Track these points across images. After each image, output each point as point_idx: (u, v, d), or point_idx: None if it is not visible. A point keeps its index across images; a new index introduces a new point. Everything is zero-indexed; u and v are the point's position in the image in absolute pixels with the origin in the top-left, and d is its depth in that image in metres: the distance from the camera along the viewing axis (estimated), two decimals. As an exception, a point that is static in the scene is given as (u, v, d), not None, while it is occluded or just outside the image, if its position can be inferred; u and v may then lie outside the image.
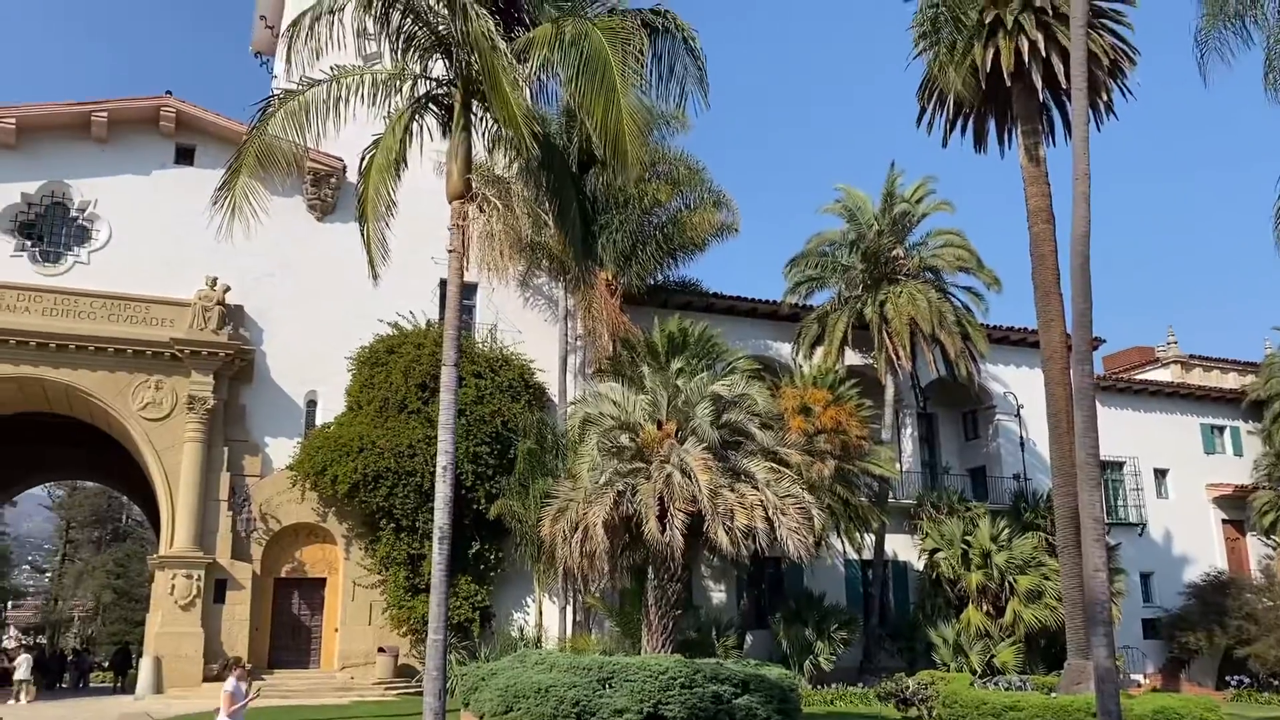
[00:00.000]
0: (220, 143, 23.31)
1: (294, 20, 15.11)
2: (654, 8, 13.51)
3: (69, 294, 21.95)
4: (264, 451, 22.85)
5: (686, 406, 16.52)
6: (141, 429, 21.80)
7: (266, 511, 22.25)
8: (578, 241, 15.23)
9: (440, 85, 14.34)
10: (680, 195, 24.60)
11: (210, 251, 22.01)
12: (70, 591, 52.24)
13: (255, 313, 23.46)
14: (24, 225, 22.82)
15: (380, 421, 22.35)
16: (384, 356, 23.15)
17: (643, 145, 15.08)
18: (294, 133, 14.72)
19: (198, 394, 21.83)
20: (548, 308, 25.98)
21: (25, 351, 21.19)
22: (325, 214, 24.75)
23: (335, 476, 21.70)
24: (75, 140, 23.35)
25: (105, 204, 23.29)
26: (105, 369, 21.75)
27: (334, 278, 23.57)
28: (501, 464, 22.50)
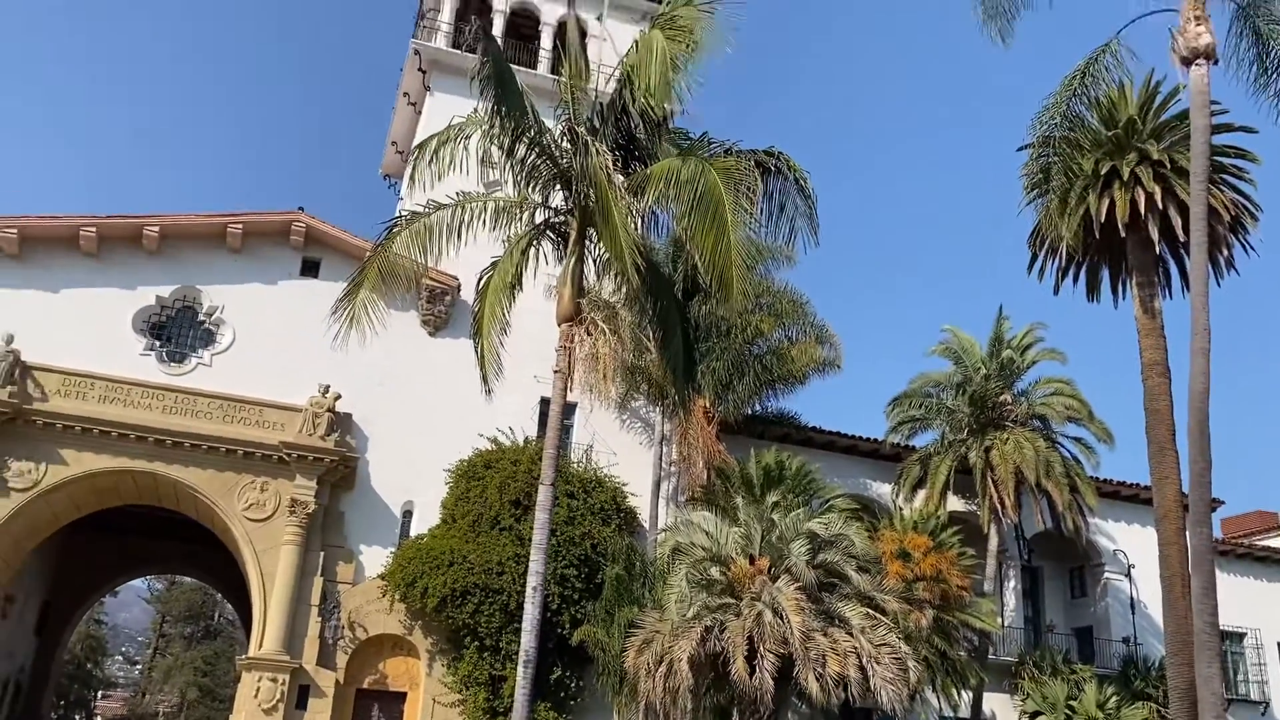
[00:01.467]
0: (344, 257, 24.41)
1: (420, 143, 15.99)
2: (768, 149, 13.90)
3: (189, 393, 22.88)
4: (358, 559, 23.11)
5: (781, 543, 16.24)
6: (243, 529, 22.32)
7: (355, 620, 22.36)
8: (679, 368, 15.39)
9: (558, 214, 14.90)
10: (783, 328, 24.72)
11: (325, 359, 22.80)
12: (158, 686, 52.92)
13: (362, 421, 24.08)
14: (155, 326, 24.07)
15: (473, 536, 22.46)
16: (481, 471, 23.42)
17: (748, 279, 15.29)
18: (416, 252, 15.44)
19: (300, 498, 22.33)
20: (644, 431, 26.06)
21: (143, 446, 22.06)
22: (437, 329, 25.50)
23: (425, 589, 21.75)
24: (211, 248, 24.74)
25: (231, 309, 24.46)
26: (215, 468, 22.46)
27: (440, 391, 24.14)
28: (588, 588, 22.27)
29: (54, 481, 21.55)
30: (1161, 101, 21.75)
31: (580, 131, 13.87)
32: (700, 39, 14.13)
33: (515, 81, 14.68)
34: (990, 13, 17.41)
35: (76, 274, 23.60)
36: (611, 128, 14.46)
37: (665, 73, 14.02)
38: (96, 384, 22.25)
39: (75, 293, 23.45)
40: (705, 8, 14.31)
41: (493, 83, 13.98)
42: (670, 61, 14.17)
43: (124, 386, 22.42)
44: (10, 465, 21.29)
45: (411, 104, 30.80)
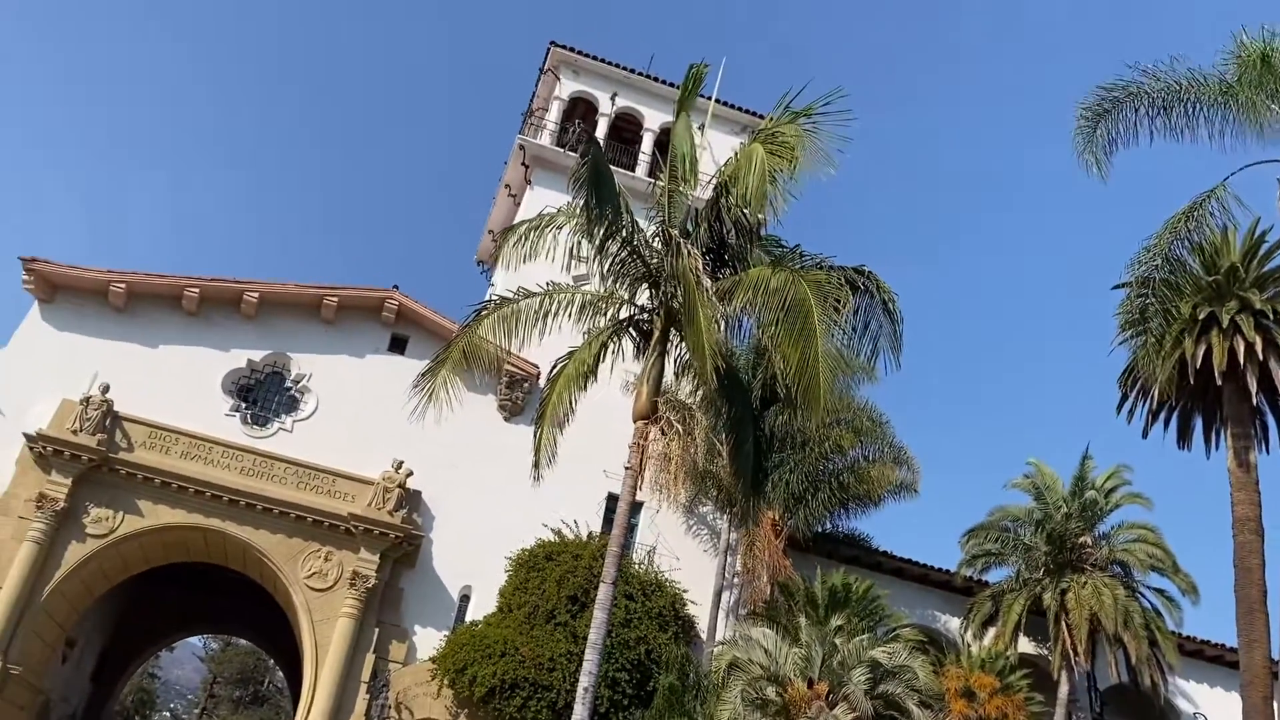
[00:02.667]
0: (432, 337, 24.93)
1: (511, 225, 16.43)
2: (858, 267, 13.96)
3: (267, 457, 23.35)
4: (411, 639, 22.98)
5: (841, 668, 15.72)
6: (303, 597, 22.42)
7: (402, 701, 22.12)
8: (749, 477, 15.24)
9: (643, 312, 15.05)
10: (861, 446, 24.37)
11: (401, 435, 23.18)
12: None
13: (431, 499, 24.23)
14: (243, 388, 24.74)
15: (527, 628, 22.20)
16: (541, 562, 23.26)
17: (832, 392, 15.19)
18: (500, 336, 15.73)
19: (362, 570, 22.41)
20: (709, 538, 25.71)
21: (217, 504, 22.47)
22: (513, 415, 25.74)
23: (474, 677, 21.45)
24: (305, 318, 25.51)
25: (318, 378, 25.05)
26: (283, 533, 22.72)
27: (509, 477, 24.17)
28: (639, 695, 21.73)
29: (129, 531, 22.02)
30: (1267, 250, 21.28)
31: (674, 233, 14.12)
32: (800, 156, 14.38)
33: (613, 182, 15.06)
34: (1088, 146, 17.36)
35: (175, 331, 24.50)
36: (704, 232, 14.70)
37: (762, 184, 14.25)
38: (181, 439, 22.85)
39: (172, 349, 24.30)
40: (809, 127, 14.59)
41: (590, 183, 14.36)
42: (768, 174, 14.41)
43: (206, 444, 22.99)
44: (90, 511, 21.83)
45: (512, 195, 31.73)
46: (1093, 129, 17.27)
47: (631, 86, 32.44)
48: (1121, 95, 17.41)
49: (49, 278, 23.73)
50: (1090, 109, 17.42)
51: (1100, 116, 17.30)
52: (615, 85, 32.30)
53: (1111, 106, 17.41)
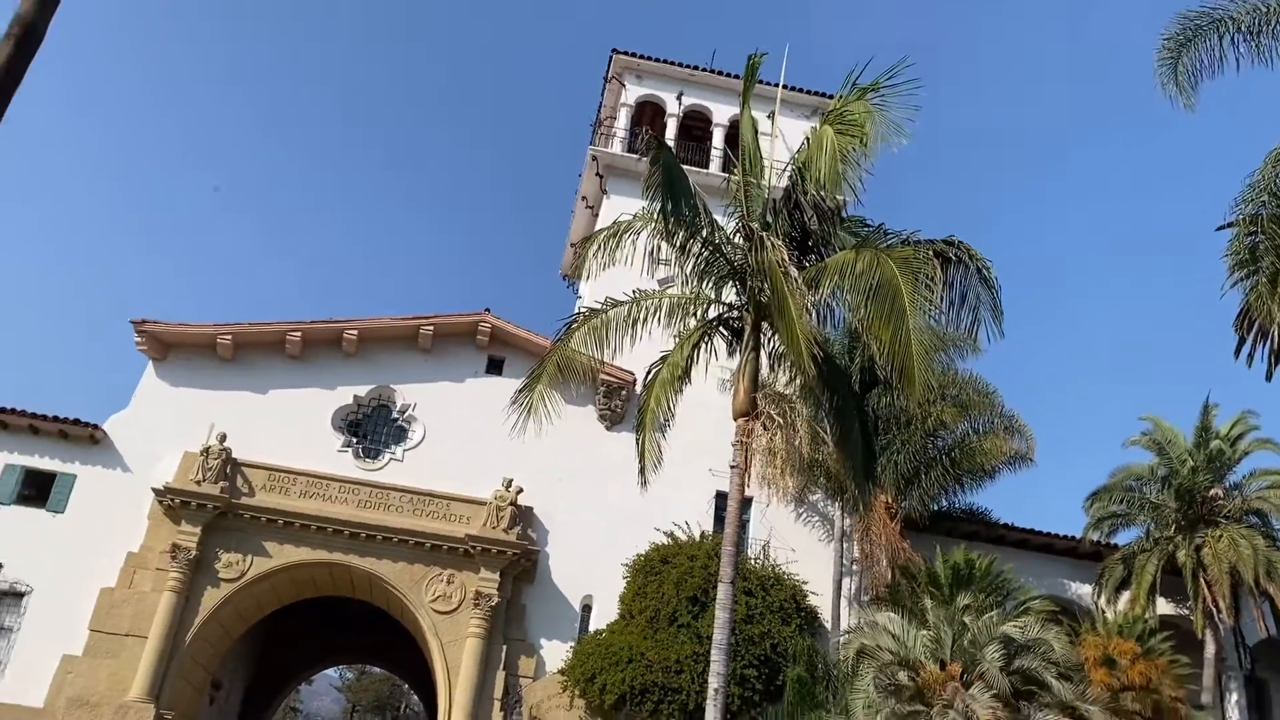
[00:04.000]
0: (526, 355, 25.28)
1: (589, 235, 16.52)
2: (947, 239, 13.67)
3: (382, 488, 23.97)
4: (539, 653, 23.30)
5: (973, 647, 15.40)
6: (430, 620, 22.93)
7: (536, 715, 22.43)
8: (859, 462, 15.04)
9: (732, 309, 15.01)
10: (969, 419, 23.86)
11: (508, 454, 23.58)
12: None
13: (543, 514, 24.54)
14: (352, 424, 25.44)
15: (651, 632, 22.29)
16: (658, 566, 23.34)
17: (928, 370, 14.91)
18: (592, 347, 15.85)
19: (484, 590, 22.83)
20: (822, 527, 25.47)
21: (339, 539, 23.15)
22: (614, 424, 25.92)
23: (604, 685, 21.64)
24: (403, 349, 26.11)
25: (422, 407, 25.60)
26: (405, 560, 23.29)
27: (616, 486, 24.34)
28: (769, 690, 21.63)
29: (259, 572, 22.83)
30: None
31: (754, 227, 14.05)
32: (870, 133, 14.19)
33: (687, 182, 15.06)
34: (1172, 78, 16.62)
35: (282, 375, 25.32)
36: (784, 221, 14.58)
37: (835, 166, 14.11)
38: (298, 479, 23.61)
39: (281, 393, 25.12)
40: (876, 103, 14.38)
41: (664, 187, 14.38)
42: (840, 154, 14.25)
43: (323, 481, 23.70)
44: (221, 556, 22.71)
45: (589, 207, 31.96)
46: (1175, 59, 16.55)
47: (696, 84, 32.38)
48: (1205, 22, 16.65)
49: (159, 337, 24.77)
50: (1173, 38, 16.70)
51: (1184, 46, 16.57)
52: (680, 84, 32.29)
53: (1195, 34, 16.66)
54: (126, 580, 22.45)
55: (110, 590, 22.29)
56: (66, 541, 22.76)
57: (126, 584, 22.40)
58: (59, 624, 21.94)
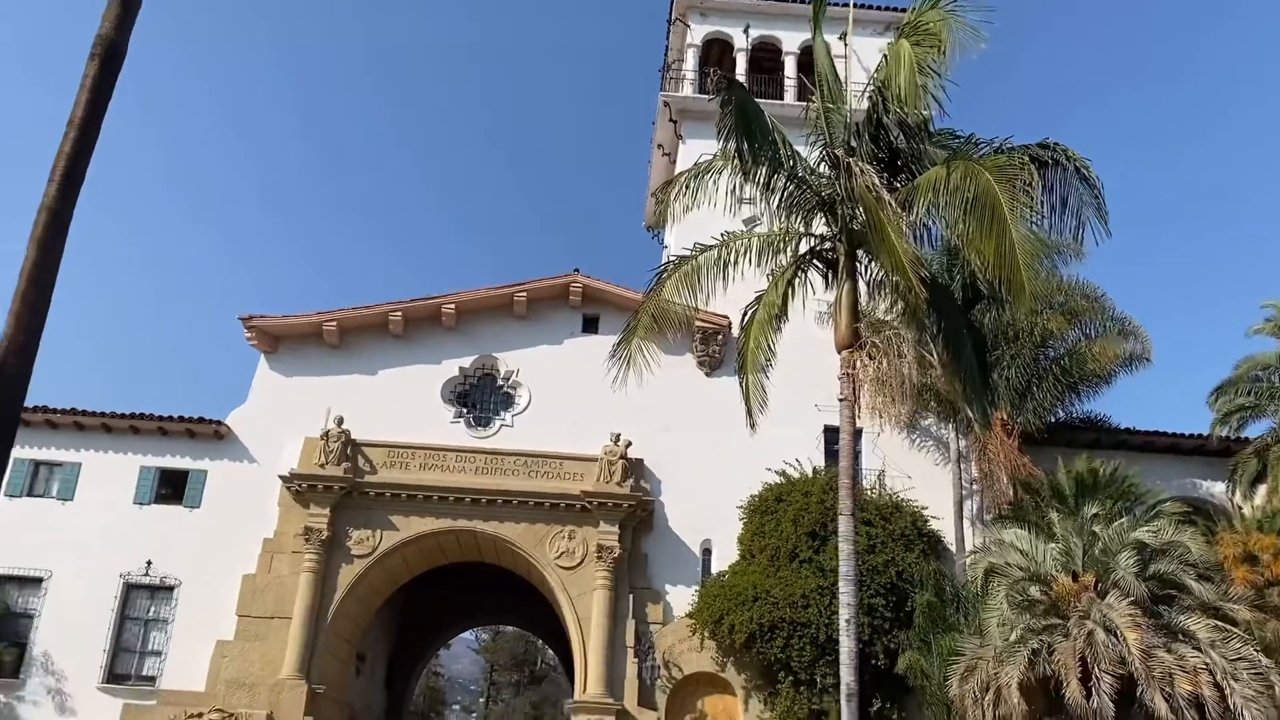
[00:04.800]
0: (620, 311, 25.38)
1: (667, 180, 16.40)
2: (1041, 142, 13.20)
3: (496, 454, 24.54)
4: (665, 599, 23.68)
5: (1105, 556, 15.11)
6: (556, 576, 23.50)
7: (669, 659, 22.88)
8: (974, 380, 14.74)
9: (824, 241, 14.80)
10: (1078, 326, 23.17)
11: (613, 410, 23.83)
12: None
13: (653, 465, 24.79)
14: (460, 395, 26.01)
15: (773, 570, 22.45)
16: (773, 505, 23.43)
17: (1036, 278, 14.49)
18: (686, 294, 15.82)
19: (605, 543, 23.27)
20: (937, 451, 25.16)
21: (461, 507, 23.81)
22: (713, 369, 25.94)
23: (732, 626, 21.93)
24: (500, 318, 26.50)
25: (525, 372, 26.01)
26: (526, 521, 23.86)
27: (723, 430, 24.41)
28: (898, 617, 21.61)
29: (389, 546, 23.66)
30: None
31: (839, 154, 13.76)
32: (947, 41, 13.74)
33: (763, 117, 14.80)
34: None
35: (388, 355, 25.97)
36: (869, 144, 14.25)
37: (914, 80, 13.71)
38: (416, 453, 24.31)
39: (389, 372, 25.79)
40: (950, 8, 13.89)
41: (738, 126, 14.16)
42: (919, 67, 13.84)
43: (440, 453, 24.37)
44: (351, 534, 23.58)
45: (666, 154, 31.75)
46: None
47: (762, 14, 31.72)
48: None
49: (268, 330, 25.61)
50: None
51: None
52: (746, 17, 31.67)
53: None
54: (266, 566, 23.51)
55: (252, 576, 23.38)
56: (205, 534, 23.91)
57: (266, 569, 23.47)
58: (208, 612, 23.14)
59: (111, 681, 22.93)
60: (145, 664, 23.32)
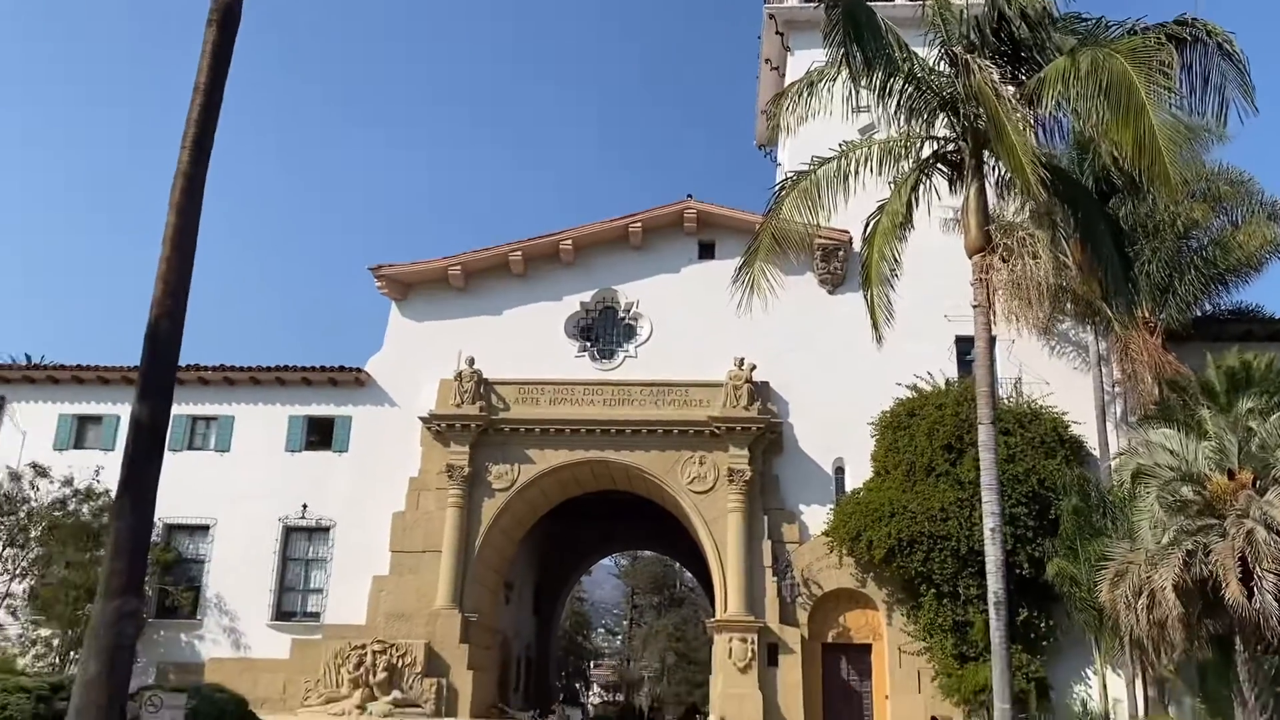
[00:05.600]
0: (736, 234, 25.16)
1: (778, 92, 15.98)
2: (1178, 19, 12.36)
3: (621, 385, 24.86)
4: (800, 519, 23.76)
5: (1263, 451, 14.40)
6: (690, 501, 23.82)
7: (808, 577, 23.03)
8: (1116, 276, 14.13)
9: (947, 143, 14.29)
10: (1223, 213, 21.86)
11: (735, 334, 23.78)
12: (639, 653, 57.98)
13: (779, 387, 24.70)
14: (583, 329, 26.34)
15: (908, 485, 22.25)
16: (905, 420, 23.12)
17: (1177, 164, 13.68)
18: (805, 211, 15.52)
19: (736, 467, 23.42)
20: (1076, 355, 24.31)
21: (592, 438, 24.28)
22: (836, 286, 25.55)
23: (870, 542, 21.89)
24: (617, 250, 26.59)
25: (645, 303, 26.12)
26: (656, 449, 24.16)
27: (849, 347, 24.06)
28: (1041, 525, 21.19)
29: (527, 479, 24.36)
30: None
31: (958, 51, 13.19)
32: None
33: (874, 19, 14.27)
34: None
35: (512, 294, 26.43)
36: (990, 38, 13.60)
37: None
38: (545, 389, 24.82)
39: (514, 311, 26.27)
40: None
41: (848, 31, 13.68)
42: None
43: (568, 387, 24.84)
44: (491, 469, 24.35)
45: (775, 69, 31.03)
46: None
47: (864, -87, 30.38)
48: None
49: (396, 278, 26.34)
50: None
51: None
52: (847, -81, 30.39)
53: None
54: (413, 503, 24.52)
55: (401, 514, 24.43)
56: (354, 476, 25.05)
57: (414, 507, 24.48)
58: (363, 550, 24.34)
59: (279, 619, 24.44)
60: (309, 601, 24.74)
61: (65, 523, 23.18)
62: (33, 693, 12.41)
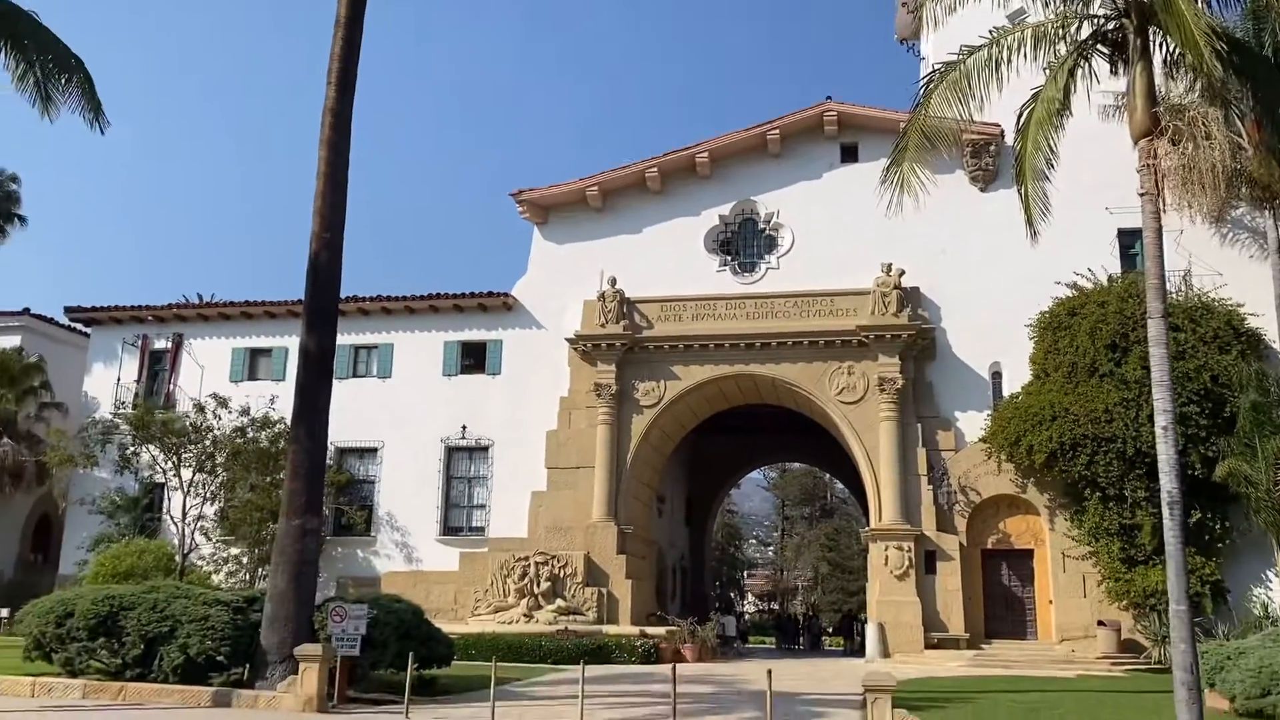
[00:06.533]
0: (880, 135, 24.35)
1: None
2: None
3: (764, 297, 24.67)
4: (955, 426, 23.27)
5: None
6: (840, 412, 23.60)
7: (965, 484, 22.63)
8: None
9: (1107, 21, 13.32)
10: None
11: (881, 239, 23.23)
12: (791, 563, 58.47)
13: (929, 291, 24.04)
14: (723, 243, 26.12)
15: (1070, 387, 21.45)
16: (1065, 319, 22.19)
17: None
18: (955, 104, 14.76)
19: (886, 375, 23.03)
20: (1251, 242, 22.76)
21: (736, 352, 24.26)
22: (987, 184, 24.55)
23: (1030, 446, 21.28)
24: (755, 159, 26.13)
25: (786, 212, 25.68)
26: (802, 360, 23.98)
27: (1003, 246, 23.11)
28: (1215, 424, 20.15)
29: (673, 395, 24.61)
30: None
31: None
32: None
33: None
34: None
35: (650, 212, 26.38)
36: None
37: None
38: (688, 305, 24.86)
39: (653, 229, 26.25)
40: None
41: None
42: None
43: (710, 302, 24.80)
44: (638, 387, 24.68)
45: (912, -43, 29.52)
46: None
47: None
48: None
49: (537, 202, 26.65)
50: None
51: None
52: None
53: None
54: (565, 422, 25.15)
55: (554, 432, 25.11)
56: (508, 397, 25.83)
57: (566, 425, 25.11)
58: (521, 467, 25.20)
59: (447, 533, 25.66)
60: (473, 516, 25.85)
61: (246, 449, 24.76)
62: (229, 605, 13.41)
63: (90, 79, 14.02)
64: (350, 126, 15.45)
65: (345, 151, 15.36)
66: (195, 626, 13.18)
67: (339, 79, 15.37)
